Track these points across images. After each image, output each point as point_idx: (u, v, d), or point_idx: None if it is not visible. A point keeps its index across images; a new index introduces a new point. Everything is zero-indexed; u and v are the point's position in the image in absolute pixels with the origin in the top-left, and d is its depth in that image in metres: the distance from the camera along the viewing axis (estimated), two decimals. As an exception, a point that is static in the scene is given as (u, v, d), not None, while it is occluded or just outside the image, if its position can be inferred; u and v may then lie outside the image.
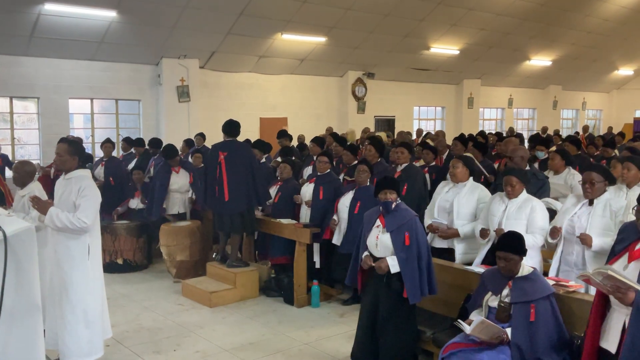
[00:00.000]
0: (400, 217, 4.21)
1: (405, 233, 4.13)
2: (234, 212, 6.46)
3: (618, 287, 2.67)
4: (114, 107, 13.33)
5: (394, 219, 4.22)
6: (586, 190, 4.33)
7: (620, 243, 2.96)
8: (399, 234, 4.15)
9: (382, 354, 4.26)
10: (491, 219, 4.74)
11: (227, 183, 6.39)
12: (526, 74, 20.34)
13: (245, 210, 6.48)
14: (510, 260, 3.64)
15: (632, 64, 22.53)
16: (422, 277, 4.14)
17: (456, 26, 15.50)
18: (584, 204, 4.39)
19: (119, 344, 5.22)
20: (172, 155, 7.83)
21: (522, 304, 3.55)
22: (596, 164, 4.54)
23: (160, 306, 6.32)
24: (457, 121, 19.49)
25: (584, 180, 4.36)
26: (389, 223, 4.21)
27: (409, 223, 4.18)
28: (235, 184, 6.39)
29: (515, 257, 3.65)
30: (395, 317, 4.21)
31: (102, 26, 11.39)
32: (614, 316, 2.89)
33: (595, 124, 24.35)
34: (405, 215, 4.23)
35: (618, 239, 3.00)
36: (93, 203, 4.26)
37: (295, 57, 14.86)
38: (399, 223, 4.18)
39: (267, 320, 5.89)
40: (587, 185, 4.32)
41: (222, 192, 6.41)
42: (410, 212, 4.29)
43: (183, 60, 13.15)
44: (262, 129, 15.00)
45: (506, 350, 3.50)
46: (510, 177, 4.70)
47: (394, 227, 4.19)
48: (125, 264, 7.65)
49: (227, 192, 6.40)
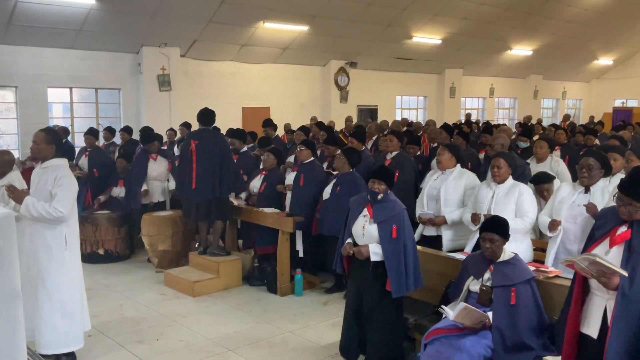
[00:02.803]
0: (389, 209, 4.18)
1: (393, 225, 4.11)
2: (200, 200, 6.47)
3: (603, 272, 2.70)
4: (94, 96, 13.16)
5: (383, 210, 4.19)
6: (582, 175, 4.29)
7: (600, 229, 2.97)
8: (386, 226, 4.12)
9: (369, 346, 4.27)
10: (479, 206, 4.77)
11: (196, 171, 6.42)
12: (507, 64, 20.47)
13: (211, 199, 6.45)
14: (494, 242, 3.68)
15: (612, 54, 22.79)
16: (407, 271, 4.13)
17: (438, 15, 15.52)
18: (580, 192, 4.36)
19: (101, 335, 5.19)
20: (149, 139, 7.75)
21: (503, 288, 3.59)
22: (595, 151, 4.53)
23: (143, 296, 6.29)
24: (439, 111, 19.58)
25: (581, 164, 4.32)
26: (377, 214, 4.18)
27: (397, 216, 4.15)
28: (203, 172, 6.40)
29: (500, 239, 3.68)
30: (382, 307, 4.20)
31: (81, 14, 11.21)
32: (594, 301, 2.92)
33: (575, 113, 24.60)
34: (394, 207, 4.20)
35: (597, 224, 3.02)
36: (69, 192, 4.20)
37: (278, 45, 14.77)
38: (387, 215, 4.15)
39: (251, 309, 5.89)
40: (584, 171, 4.28)
41: (191, 179, 6.45)
42: (399, 204, 4.25)
43: (164, 49, 13.00)
44: (245, 119, 14.93)
45: (488, 335, 3.54)
46: (497, 158, 4.74)
47: (381, 218, 4.16)
48: (107, 255, 7.59)
49: (195, 180, 6.42)
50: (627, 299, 2.69)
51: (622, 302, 2.70)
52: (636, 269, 2.71)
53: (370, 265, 4.19)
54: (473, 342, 3.48)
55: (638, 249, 2.74)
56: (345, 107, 16.75)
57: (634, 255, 2.74)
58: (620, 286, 2.70)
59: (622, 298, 2.70)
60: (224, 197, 6.58)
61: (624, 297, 2.70)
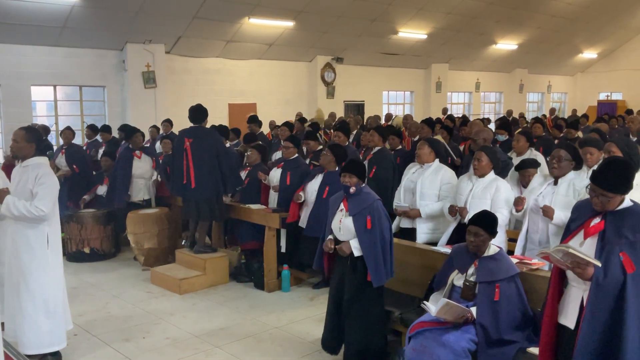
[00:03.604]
0: (362, 201, 4.20)
1: (367, 216, 4.13)
2: (200, 199, 6.42)
3: (578, 263, 2.74)
4: (78, 93, 13.05)
5: (356, 203, 4.21)
6: (552, 166, 4.37)
7: (574, 221, 3.01)
8: (360, 217, 4.15)
9: (347, 337, 4.28)
10: (459, 198, 4.84)
11: (194, 170, 6.35)
12: (493, 58, 20.56)
13: (212, 197, 6.43)
14: (480, 236, 3.69)
15: (596, 47, 22.96)
16: (385, 260, 4.15)
17: (423, 10, 15.55)
18: (550, 184, 4.45)
19: (87, 333, 5.16)
20: (132, 131, 7.72)
21: (487, 284, 3.60)
22: (567, 143, 4.59)
23: (129, 294, 6.27)
24: (426, 105, 19.64)
25: (552, 155, 4.39)
26: (352, 207, 4.21)
27: (371, 206, 4.17)
28: (201, 171, 6.35)
29: (485, 235, 3.69)
30: (360, 300, 4.20)
31: (64, 11, 11.10)
32: (572, 292, 2.96)
33: (560, 106, 24.78)
34: (367, 198, 4.21)
35: (572, 217, 3.05)
36: (51, 191, 4.17)
37: (263, 41, 14.73)
38: (361, 207, 4.17)
39: (238, 305, 5.89)
40: (554, 161, 4.34)
41: (189, 179, 6.38)
42: (373, 195, 4.27)
43: (148, 46, 12.92)
44: (231, 115, 14.89)
45: (471, 329, 3.56)
46: (480, 152, 4.79)
47: (356, 210, 4.18)
48: (93, 253, 7.54)
49: (194, 179, 6.36)
50: (601, 289, 2.73)
51: (596, 292, 2.74)
52: (610, 259, 2.74)
53: (349, 259, 4.22)
54: (457, 337, 3.50)
55: (611, 240, 2.78)
56: (332, 102, 16.74)
57: (608, 245, 2.78)
58: (595, 276, 2.74)
59: (597, 288, 2.74)
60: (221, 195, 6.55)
61: (598, 286, 2.73)
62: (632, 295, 2.69)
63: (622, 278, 2.71)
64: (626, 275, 2.70)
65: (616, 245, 2.76)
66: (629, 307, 2.68)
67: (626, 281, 2.70)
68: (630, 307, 2.68)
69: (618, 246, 2.75)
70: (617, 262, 2.73)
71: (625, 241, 2.75)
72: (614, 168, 2.82)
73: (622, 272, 2.71)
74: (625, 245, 2.75)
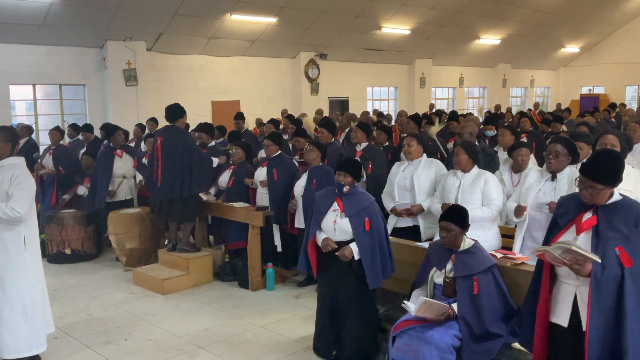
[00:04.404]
0: (359, 202, 4.14)
1: (365, 218, 4.07)
2: (165, 197, 6.36)
3: (576, 260, 2.70)
4: (58, 92, 12.86)
5: (353, 203, 4.14)
6: (549, 161, 4.28)
7: (563, 216, 2.96)
8: (358, 219, 4.08)
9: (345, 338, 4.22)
10: (447, 196, 4.78)
11: (161, 168, 6.30)
12: (476, 53, 20.62)
13: (177, 196, 6.33)
14: (451, 231, 3.65)
15: (578, 41, 23.12)
16: (383, 262, 4.11)
17: (406, 5, 15.53)
18: (547, 180, 4.36)
19: (67, 336, 5.06)
20: (113, 129, 7.60)
21: (465, 278, 3.58)
22: (563, 137, 4.55)
23: (111, 296, 6.16)
24: (410, 101, 19.64)
25: (549, 151, 4.30)
26: (348, 207, 4.13)
27: (368, 208, 4.11)
28: (168, 169, 6.28)
29: (457, 229, 3.66)
30: (358, 302, 4.16)
31: (42, 8, 10.92)
32: (562, 290, 2.91)
33: (544, 101, 24.93)
34: (364, 199, 4.16)
35: (559, 212, 3.00)
36: (27, 192, 4.06)
37: (246, 38, 14.62)
38: (358, 208, 4.11)
39: (222, 305, 5.81)
40: (551, 156, 4.26)
41: (157, 176, 6.35)
42: (368, 196, 4.22)
43: (129, 43, 12.76)
44: (215, 112, 14.77)
45: (455, 325, 3.54)
46: (458, 147, 4.77)
47: (353, 211, 4.11)
48: (74, 254, 7.41)
49: (160, 177, 6.31)
50: (600, 284, 2.70)
51: (596, 288, 2.71)
52: (606, 254, 2.71)
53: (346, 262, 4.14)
54: (441, 334, 3.47)
55: (605, 234, 2.75)
56: (316, 99, 16.68)
57: (602, 240, 2.75)
58: (593, 272, 2.70)
59: (596, 283, 2.70)
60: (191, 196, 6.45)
61: (598, 282, 2.70)
62: (631, 290, 2.66)
63: (620, 273, 2.68)
64: (624, 270, 2.68)
65: (611, 240, 2.73)
66: (629, 302, 2.65)
67: (624, 276, 2.67)
68: (630, 302, 2.66)
69: (613, 241, 2.73)
70: (614, 256, 2.70)
71: (620, 235, 2.72)
72: (603, 160, 2.80)
73: (619, 266, 2.69)
74: (619, 239, 2.72)
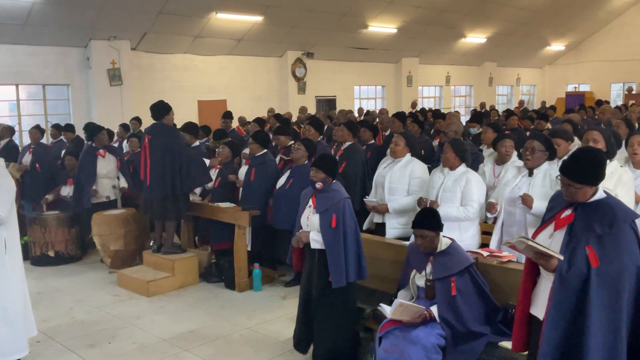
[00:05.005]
0: (329, 199, 4.13)
1: (332, 215, 4.06)
2: (154, 197, 6.29)
3: (541, 255, 2.70)
4: (41, 92, 12.70)
5: (324, 200, 4.14)
6: (526, 158, 4.33)
7: (549, 212, 2.98)
8: (326, 215, 4.08)
9: (316, 335, 4.19)
10: (431, 192, 4.80)
11: (150, 167, 6.22)
12: (462, 52, 20.67)
13: (166, 196, 6.26)
14: (426, 237, 3.63)
15: (563, 40, 23.26)
16: (348, 261, 4.05)
17: (393, 4, 15.52)
18: (524, 175, 4.40)
19: (51, 340, 4.99)
20: (95, 130, 7.49)
21: (443, 280, 3.56)
22: (539, 133, 4.57)
23: (95, 298, 6.08)
24: (397, 100, 19.65)
25: (525, 147, 4.35)
26: (319, 204, 4.15)
27: (337, 205, 4.09)
28: (156, 168, 6.20)
29: (432, 234, 3.64)
30: (329, 296, 4.12)
31: (24, 7, 10.77)
32: (543, 283, 2.92)
33: (529, 99, 25.06)
34: (335, 196, 4.14)
35: (548, 207, 3.02)
36: (7, 193, 3.97)
37: (232, 37, 14.53)
38: (327, 204, 4.11)
39: (208, 306, 5.76)
40: (528, 153, 4.31)
41: (146, 176, 6.26)
42: (341, 193, 4.19)
43: (113, 42, 12.62)
44: (201, 112, 14.68)
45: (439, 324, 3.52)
46: (446, 145, 4.77)
47: (322, 208, 4.12)
48: (58, 256, 7.32)
49: (149, 176, 6.23)
50: (564, 281, 2.69)
51: (559, 284, 2.70)
52: (575, 251, 2.70)
53: (316, 255, 4.14)
54: (426, 333, 3.45)
55: (578, 233, 2.73)
56: (304, 98, 16.62)
57: (574, 238, 2.73)
58: (558, 268, 2.70)
59: (560, 280, 2.70)
60: (181, 195, 6.38)
61: (562, 278, 2.70)
62: (596, 290, 2.64)
63: (586, 272, 2.66)
64: (590, 270, 2.66)
65: (583, 239, 2.71)
66: (592, 301, 2.64)
67: (590, 276, 2.65)
68: (594, 302, 2.64)
69: (585, 239, 2.71)
70: (583, 255, 2.68)
71: (593, 235, 2.70)
72: (583, 158, 2.79)
73: (586, 266, 2.67)
74: (592, 238, 2.70)
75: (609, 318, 2.65)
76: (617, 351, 2.65)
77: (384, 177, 5.33)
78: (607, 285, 2.64)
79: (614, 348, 2.65)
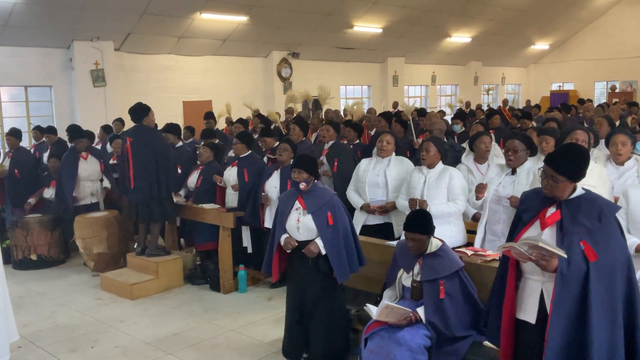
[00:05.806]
0: (320, 197, 4.11)
1: (327, 212, 4.04)
2: (139, 200, 6.21)
3: (543, 256, 2.68)
4: (24, 94, 12.54)
5: (314, 200, 4.11)
6: (509, 158, 4.36)
7: (526, 212, 2.94)
8: (321, 214, 4.05)
9: (313, 338, 4.16)
10: (412, 192, 4.78)
11: (133, 170, 6.14)
12: (447, 51, 20.74)
13: (150, 198, 6.19)
14: (418, 240, 3.60)
15: (547, 39, 23.43)
16: (349, 255, 4.08)
17: (378, 4, 15.53)
18: (507, 174, 4.42)
19: (32, 345, 4.90)
20: (77, 135, 7.37)
21: (432, 282, 3.53)
22: (519, 132, 4.61)
23: (78, 302, 6.00)
24: (383, 99, 19.65)
25: (507, 147, 4.39)
26: (309, 204, 4.10)
27: (329, 202, 4.09)
28: (140, 171, 6.13)
29: (423, 237, 3.61)
30: (326, 299, 4.11)
31: (5, 7, 10.63)
32: (529, 286, 2.88)
33: (515, 97, 25.22)
34: (324, 194, 4.13)
35: (522, 208, 2.98)
36: None
37: (217, 37, 14.45)
38: (320, 203, 4.08)
39: (193, 309, 5.70)
40: (510, 153, 4.34)
41: (129, 179, 6.19)
42: (329, 190, 4.20)
43: (96, 43, 12.50)
44: (186, 113, 14.58)
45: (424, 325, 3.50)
46: (427, 142, 4.77)
47: (315, 207, 4.08)
48: (40, 260, 7.21)
49: (132, 179, 6.15)
50: (566, 280, 2.68)
51: (561, 283, 2.68)
52: (571, 248, 2.69)
53: (310, 258, 4.09)
54: (412, 334, 3.42)
55: (570, 229, 2.73)
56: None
57: (567, 235, 2.73)
58: (559, 267, 2.68)
59: (562, 279, 2.68)
60: (165, 197, 6.31)
61: (563, 277, 2.68)
62: (596, 284, 2.64)
63: (584, 267, 2.66)
64: (589, 265, 2.66)
65: (575, 235, 2.71)
66: (593, 296, 2.63)
67: (589, 270, 2.65)
68: (595, 297, 2.63)
69: (577, 235, 2.71)
70: (579, 251, 2.68)
71: (584, 229, 2.71)
72: (569, 153, 2.82)
73: (584, 261, 2.67)
74: (584, 233, 2.70)
75: (607, 310, 2.65)
76: (616, 343, 2.66)
77: (379, 176, 5.25)
78: (603, 279, 2.65)
79: (613, 340, 2.65)
